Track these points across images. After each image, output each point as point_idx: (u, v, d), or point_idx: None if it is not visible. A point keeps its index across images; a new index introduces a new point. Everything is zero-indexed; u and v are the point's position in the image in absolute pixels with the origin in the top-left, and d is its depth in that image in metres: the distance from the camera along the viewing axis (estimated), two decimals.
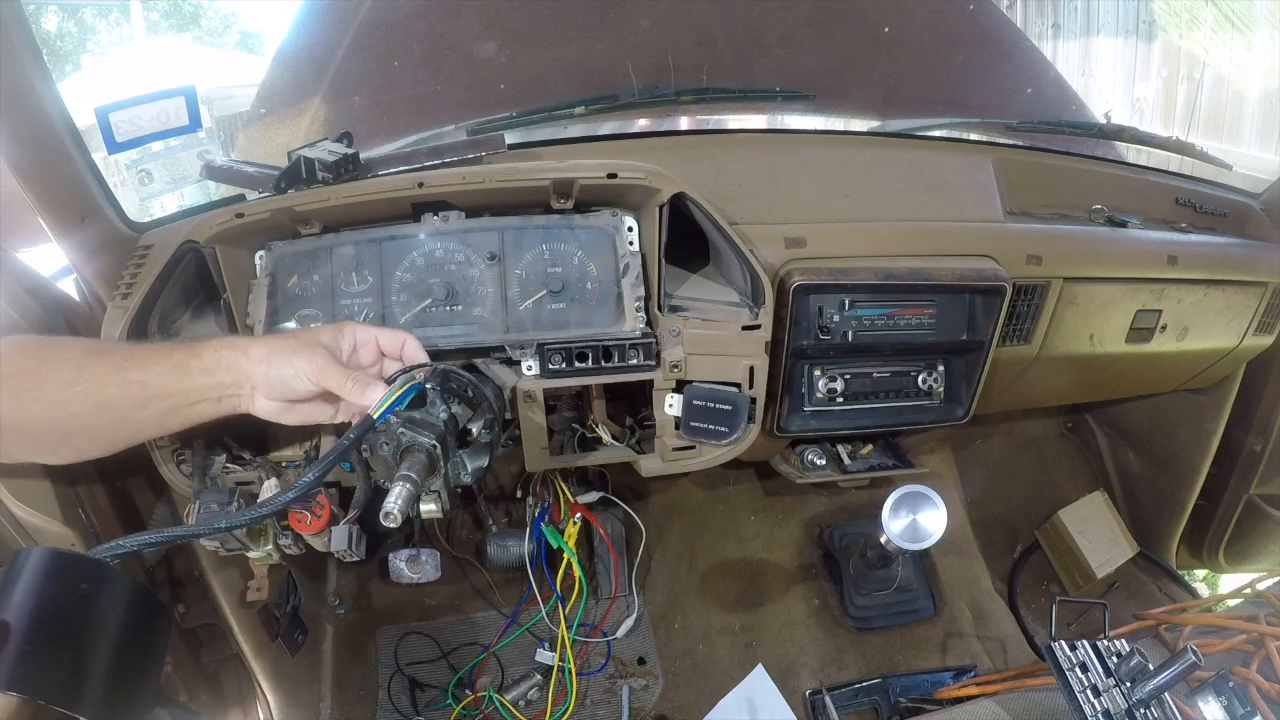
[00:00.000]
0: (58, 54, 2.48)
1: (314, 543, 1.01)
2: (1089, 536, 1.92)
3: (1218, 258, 1.49)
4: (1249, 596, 1.39)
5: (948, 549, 1.84)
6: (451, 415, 0.85)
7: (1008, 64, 1.72)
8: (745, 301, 1.12)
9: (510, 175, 1.03)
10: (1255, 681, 1.01)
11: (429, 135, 1.32)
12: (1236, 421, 1.80)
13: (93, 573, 0.56)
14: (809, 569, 1.76)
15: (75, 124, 0.94)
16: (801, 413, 1.27)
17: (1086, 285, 1.36)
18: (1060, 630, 1.73)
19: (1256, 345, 1.63)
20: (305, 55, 1.44)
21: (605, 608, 1.74)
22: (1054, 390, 1.63)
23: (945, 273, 1.21)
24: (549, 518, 1.52)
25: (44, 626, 0.52)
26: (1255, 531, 1.92)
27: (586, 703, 1.61)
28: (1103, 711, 0.91)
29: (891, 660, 1.63)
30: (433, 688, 1.63)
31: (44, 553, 0.55)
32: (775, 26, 1.55)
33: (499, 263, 1.08)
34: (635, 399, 1.23)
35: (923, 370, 1.30)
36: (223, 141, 1.48)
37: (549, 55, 1.47)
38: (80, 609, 0.54)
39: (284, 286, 1.07)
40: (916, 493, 1.29)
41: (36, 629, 0.51)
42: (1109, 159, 1.62)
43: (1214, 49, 2.27)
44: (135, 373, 0.74)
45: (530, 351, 1.06)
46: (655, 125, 1.50)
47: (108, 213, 1.02)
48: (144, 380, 0.74)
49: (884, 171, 1.32)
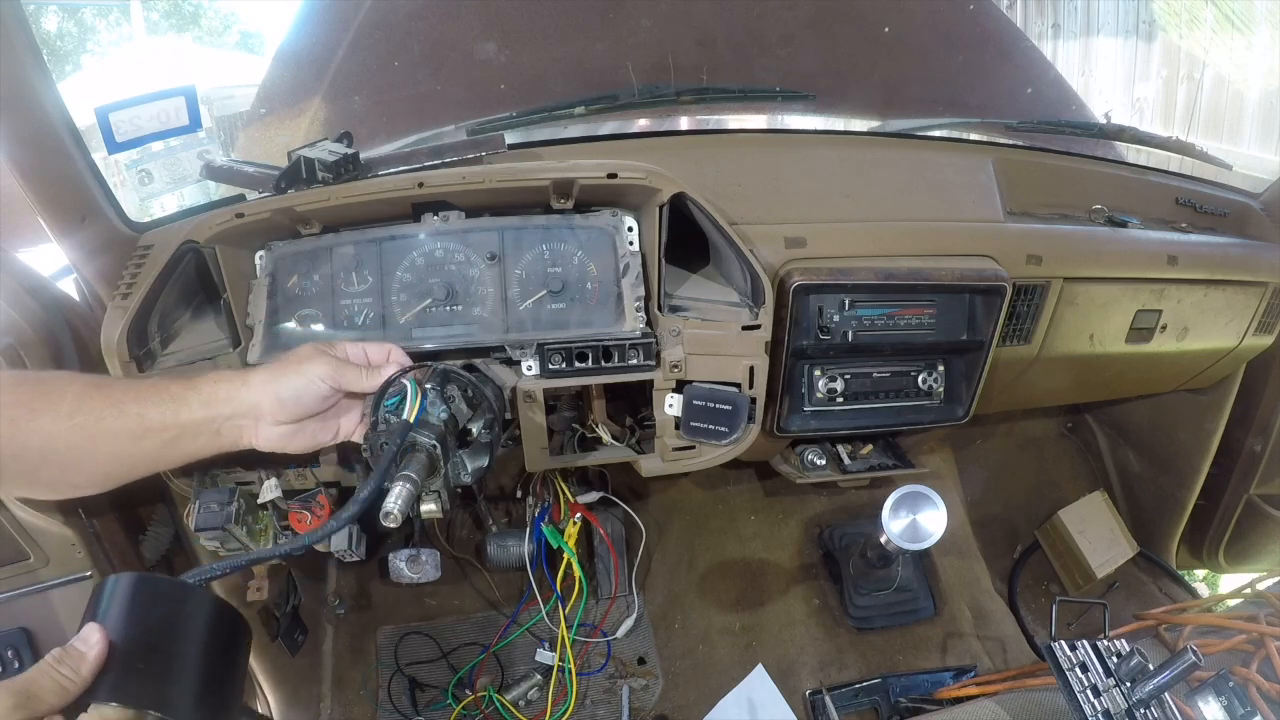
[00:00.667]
0: (58, 54, 2.48)
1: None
2: (1089, 536, 1.92)
3: (1218, 258, 1.49)
4: (1249, 596, 1.39)
5: (948, 549, 1.84)
6: (451, 415, 0.85)
7: (1008, 64, 1.72)
8: (745, 301, 1.12)
9: (510, 175, 1.03)
10: (1255, 681, 1.01)
11: (429, 135, 1.32)
12: (1236, 421, 1.80)
13: (183, 594, 0.61)
14: (809, 569, 1.76)
15: (75, 124, 0.94)
16: (801, 413, 1.27)
17: (1086, 285, 1.36)
18: (1060, 630, 1.73)
19: (1256, 345, 1.63)
20: (305, 55, 1.44)
21: (605, 608, 1.74)
22: (1054, 390, 1.63)
23: (945, 273, 1.21)
24: (549, 518, 1.52)
25: (143, 644, 0.57)
26: (1255, 531, 1.92)
27: (586, 703, 1.61)
28: (1103, 711, 0.91)
29: (891, 660, 1.63)
30: (433, 688, 1.63)
31: (136, 578, 0.59)
32: (775, 26, 1.55)
33: (499, 263, 1.08)
34: (635, 399, 1.23)
35: (923, 370, 1.30)
36: (223, 141, 1.49)
37: (549, 55, 1.47)
38: (174, 627, 0.59)
39: (284, 286, 1.07)
40: (916, 493, 1.29)
41: (136, 647, 0.57)
42: (1109, 159, 1.62)
43: (1214, 49, 2.27)
44: (132, 406, 0.74)
45: (530, 351, 1.06)
46: (655, 125, 1.50)
47: (108, 213, 1.02)
48: (140, 413, 0.74)
49: (884, 171, 1.32)
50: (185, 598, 0.60)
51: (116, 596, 0.58)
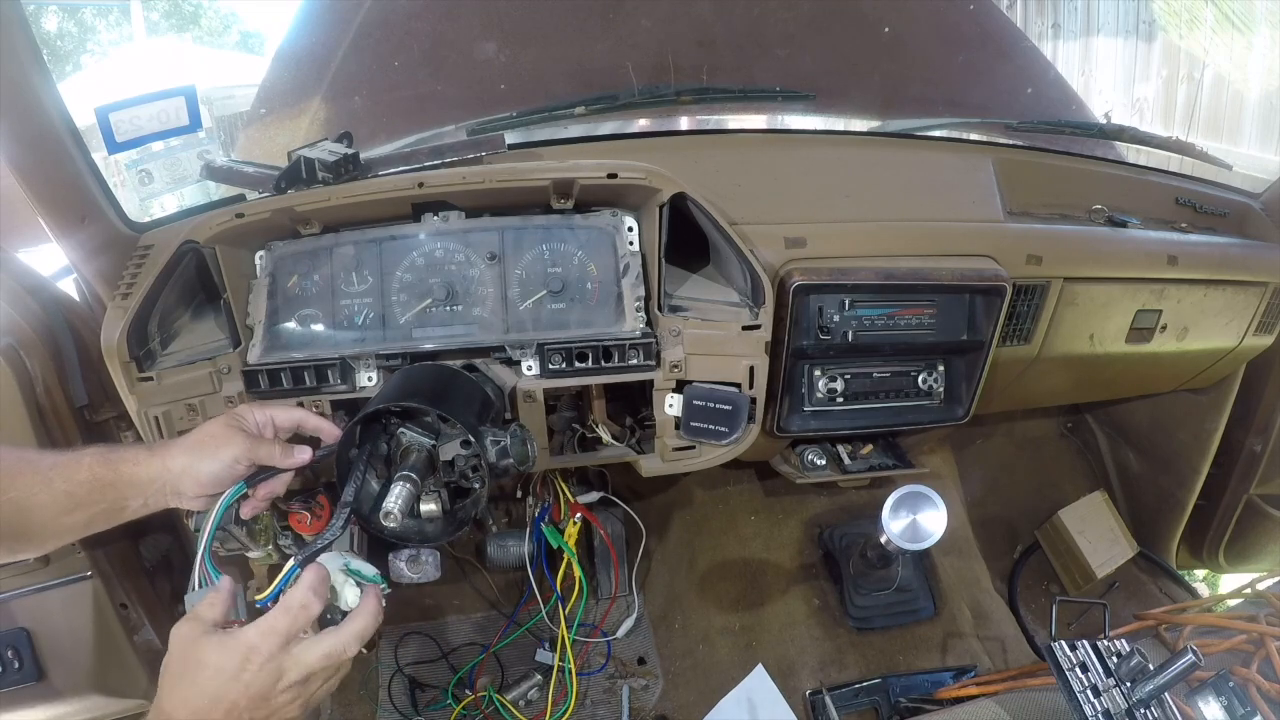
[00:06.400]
0: (58, 54, 2.48)
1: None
2: (1089, 536, 1.92)
3: (1218, 258, 1.49)
4: (1249, 596, 1.39)
5: (948, 549, 1.83)
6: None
7: (1008, 64, 1.72)
8: (745, 301, 1.12)
9: (510, 175, 1.03)
10: (1255, 681, 1.01)
11: (429, 135, 1.32)
12: (1236, 421, 1.80)
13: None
14: (809, 569, 1.76)
15: (75, 124, 0.95)
16: (801, 413, 1.27)
17: (1086, 285, 1.36)
18: (1060, 630, 1.73)
19: (1256, 345, 1.63)
20: (305, 55, 1.44)
21: (605, 608, 1.74)
22: (1054, 390, 1.63)
23: (945, 273, 1.21)
24: (549, 518, 1.52)
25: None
26: (1255, 531, 1.92)
27: (586, 703, 1.61)
28: (1103, 711, 0.91)
29: (891, 660, 1.63)
30: (433, 688, 1.63)
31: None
32: (775, 26, 1.55)
33: (499, 263, 1.08)
34: (635, 399, 1.23)
35: (923, 370, 1.30)
36: (223, 141, 1.49)
37: (549, 55, 1.47)
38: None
39: (284, 286, 1.07)
40: (916, 493, 1.29)
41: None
42: (1109, 159, 1.62)
43: (1214, 49, 2.27)
44: (60, 484, 0.77)
45: (530, 351, 1.06)
46: (655, 125, 1.50)
47: (108, 213, 1.02)
48: (69, 492, 0.78)
49: (884, 171, 1.32)
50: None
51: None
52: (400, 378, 0.98)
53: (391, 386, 0.96)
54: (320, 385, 1.03)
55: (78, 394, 1.09)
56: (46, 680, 1.19)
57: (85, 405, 1.10)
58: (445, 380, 0.97)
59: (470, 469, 0.92)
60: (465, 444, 0.91)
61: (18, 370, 1.04)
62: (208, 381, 1.03)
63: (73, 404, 1.09)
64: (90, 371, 1.10)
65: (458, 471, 0.92)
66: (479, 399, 0.97)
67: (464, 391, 0.97)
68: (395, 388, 0.95)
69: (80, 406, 1.10)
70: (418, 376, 0.97)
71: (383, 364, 1.04)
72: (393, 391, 0.93)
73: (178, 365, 1.02)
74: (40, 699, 1.20)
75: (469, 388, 0.98)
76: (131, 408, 1.00)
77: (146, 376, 0.99)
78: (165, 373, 1.01)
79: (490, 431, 0.87)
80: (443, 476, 0.91)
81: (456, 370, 1.02)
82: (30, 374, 1.05)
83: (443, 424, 0.91)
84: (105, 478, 0.79)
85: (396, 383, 0.97)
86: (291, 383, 1.03)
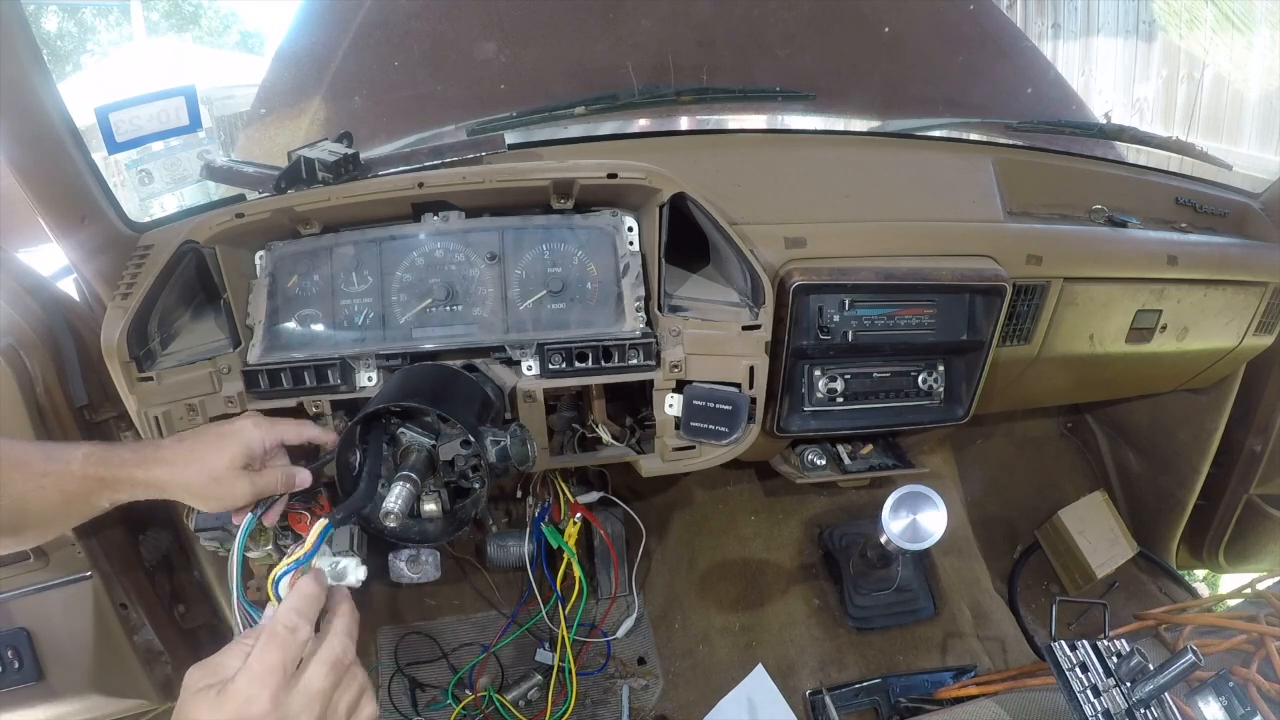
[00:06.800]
0: (58, 54, 2.48)
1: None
2: (1089, 536, 1.92)
3: (1218, 258, 1.49)
4: (1249, 596, 1.39)
5: (948, 549, 1.83)
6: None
7: (1008, 64, 1.72)
8: (745, 301, 1.12)
9: (510, 175, 1.04)
10: (1255, 681, 1.01)
11: (429, 135, 1.32)
12: (1236, 421, 1.80)
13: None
14: (809, 569, 1.76)
15: (75, 124, 0.94)
16: (801, 413, 1.27)
17: (1086, 285, 1.36)
18: (1060, 630, 1.73)
19: (1256, 345, 1.63)
20: (305, 55, 1.44)
21: (605, 608, 1.74)
22: (1054, 390, 1.63)
23: (945, 273, 1.21)
24: (549, 518, 1.52)
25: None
26: (1255, 531, 1.92)
27: (586, 703, 1.60)
28: (1103, 711, 0.91)
29: (891, 660, 1.63)
30: (433, 688, 1.63)
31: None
32: (775, 26, 1.55)
33: (499, 263, 1.08)
34: (635, 399, 1.23)
35: (923, 370, 1.30)
36: (223, 141, 1.49)
37: (549, 55, 1.47)
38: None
39: (284, 286, 1.07)
40: (916, 493, 1.29)
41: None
42: (1109, 159, 1.62)
43: (1214, 49, 2.27)
44: (53, 492, 0.77)
45: (530, 351, 1.06)
46: (655, 125, 1.50)
47: (108, 213, 1.02)
48: (61, 486, 0.78)
49: (884, 171, 1.32)
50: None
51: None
52: (400, 378, 0.99)
53: (391, 386, 0.97)
54: (320, 385, 1.03)
55: (78, 394, 1.09)
56: (46, 680, 1.19)
57: (85, 405, 1.10)
58: (445, 380, 0.97)
59: (470, 469, 0.92)
60: (465, 444, 0.91)
61: (18, 370, 1.04)
62: (208, 381, 1.03)
63: (73, 404, 1.09)
64: (90, 371, 1.10)
65: (458, 471, 0.92)
66: (479, 399, 0.97)
67: (464, 391, 0.97)
68: (395, 388, 0.95)
69: (80, 406, 1.10)
70: (418, 376, 0.98)
71: (383, 364, 1.05)
72: (392, 391, 0.93)
73: (178, 365, 1.02)
74: (40, 699, 1.20)
75: (469, 388, 0.98)
76: (131, 408, 1.00)
77: (146, 376, 0.99)
78: (165, 373, 1.00)
79: (490, 431, 0.87)
80: (443, 476, 0.92)
81: (456, 370, 1.02)
82: (30, 374, 1.05)
83: (443, 424, 0.91)
84: (97, 474, 0.79)
85: (396, 383, 0.97)
86: (291, 383, 1.03)
